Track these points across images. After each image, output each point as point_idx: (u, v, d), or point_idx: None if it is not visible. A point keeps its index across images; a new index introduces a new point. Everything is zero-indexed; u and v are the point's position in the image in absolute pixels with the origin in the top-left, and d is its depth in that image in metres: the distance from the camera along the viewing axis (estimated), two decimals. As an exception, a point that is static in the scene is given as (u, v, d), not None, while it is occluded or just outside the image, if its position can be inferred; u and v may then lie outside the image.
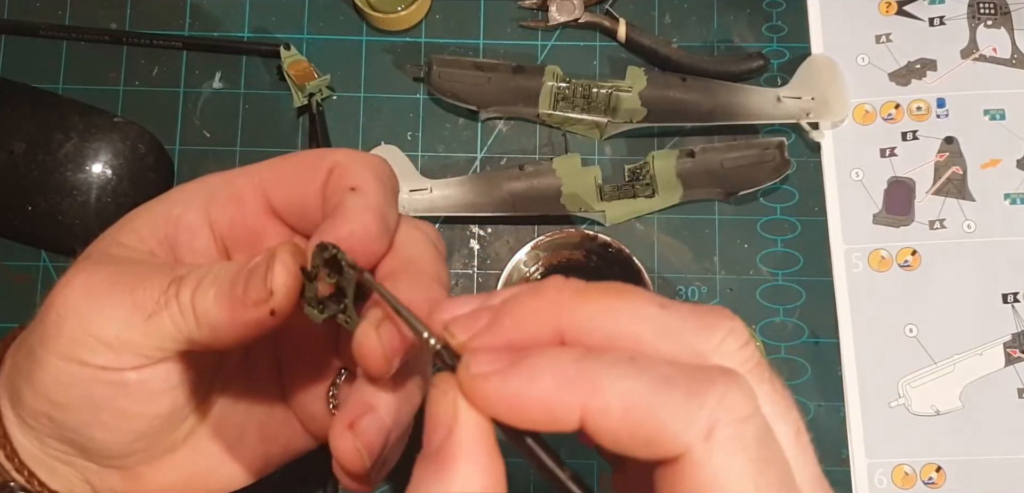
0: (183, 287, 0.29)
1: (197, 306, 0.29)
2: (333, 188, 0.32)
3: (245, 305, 0.29)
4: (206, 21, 0.58)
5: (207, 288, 0.29)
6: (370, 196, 0.31)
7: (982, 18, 0.58)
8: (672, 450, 0.22)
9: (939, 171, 0.56)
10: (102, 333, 0.30)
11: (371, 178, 0.31)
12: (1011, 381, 0.53)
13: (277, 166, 0.34)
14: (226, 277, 0.29)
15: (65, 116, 0.53)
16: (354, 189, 0.31)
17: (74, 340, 0.30)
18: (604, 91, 0.56)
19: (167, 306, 0.29)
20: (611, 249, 0.52)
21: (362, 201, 0.31)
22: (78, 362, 0.30)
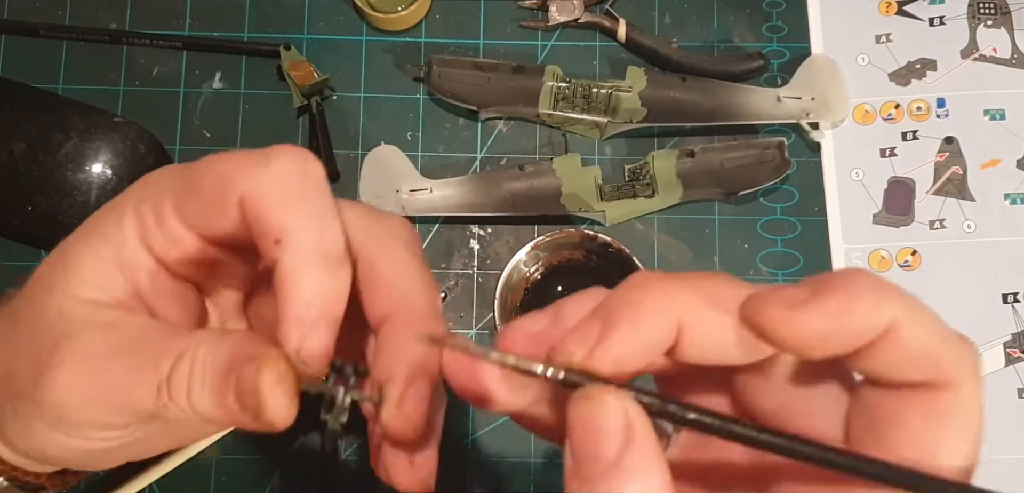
0: (176, 391, 0.27)
1: (197, 408, 0.27)
2: (256, 234, 0.27)
3: (244, 418, 0.27)
4: (206, 21, 0.58)
5: (202, 392, 0.27)
6: (300, 241, 0.26)
7: (982, 18, 0.58)
8: (946, 379, 0.22)
9: (939, 171, 0.56)
10: (104, 421, 0.29)
11: (293, 211, 0.26)
12: (1011, 381, 0.53)
13: (190, 202, 0.28)
14: (218, 383, 0.27)
15: (65, 116, 0.53)
16: (279, 243, 0.26)
17: (74, 424, 0.29)
18: (604, 91, 0.56)
19: (165, 408, 0.28)
20: (611, 249, 0.52)
21: (296, 257, 0.26)
22: (79, 438, 0.29)
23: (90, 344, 0.28)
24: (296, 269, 0.26)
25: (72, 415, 0.28)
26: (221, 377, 0.26)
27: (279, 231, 0.26)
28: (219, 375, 0.26)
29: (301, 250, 0.26)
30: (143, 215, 0.28)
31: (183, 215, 0.28)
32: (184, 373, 0.27)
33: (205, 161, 0.28)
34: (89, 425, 0.29)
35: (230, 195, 0.26)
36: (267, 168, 0.26)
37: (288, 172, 0.27)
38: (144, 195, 0.29)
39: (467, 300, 0.55)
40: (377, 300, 0.28)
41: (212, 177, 0.27)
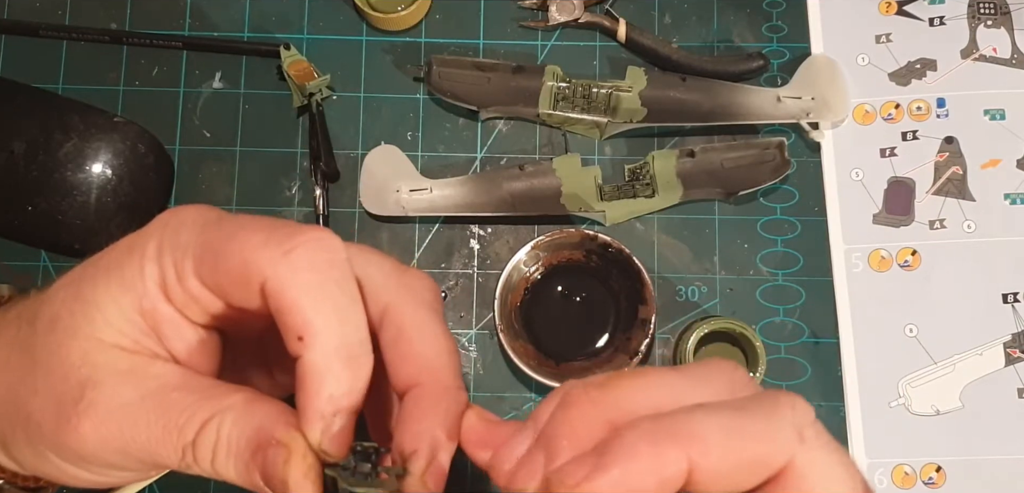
0: (201, 458, 0.28)
1: (219, 473, 0.28)
2: (279, 324, 0.27)
3: (261, 473, 0.27)
4: (206, 21, 0.58)
5: (227, 462, 0.27)
6: (322, 340, 0.26)
7: (982, 18, 0.58)
8: (778, 463, 0.23)
9: (939, 171, 0.56)
10: (128, 467, 0.29)
11: (314, 305, 0.26)
12: (1011, 381, 0.53)
13: (212, 272, 0.28)
14: (243, 457, 0.27)
15: (65, 116, 0.53)
16: (301, 340, 0.26)
17: (97, 466, 0.29)
18: (604, 91, 0.56)
19: (189, 469, 0.28)
20: (611, 249, 0.52)
21: (319, 355, 0.26)
22: (104, 475, 0.30)
23: (115, 395, 0.28)
24: (318, 366, 0.26)
25: (95, 460, 0.28)
26: (247, 453, 0.27)
27: (302, 328, 0.26)
28: (245, 451, 0.27)
29: (325, 348, 0.26)
30: (165, 267, 0.28)
31: (204, 279, 0.28)
32: (210, 441, 0.27)
33: (227, 229, 0.27)
34: (110, 468, 0.29)
35: (252, 279, 0.26)
36: (288, 259, 0.26)
37: (310, 263, 0.26)
38: (165, 246, 0.28)
39: (467, 300, 0.55)
40: (404, 368, 0.28)
41: (234, 254, 0.27)
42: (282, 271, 0.26)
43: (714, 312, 0.55)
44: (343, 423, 0.27)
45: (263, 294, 0.26)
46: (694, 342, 0.50)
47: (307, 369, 0.26)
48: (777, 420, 0.23)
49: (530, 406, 0.54)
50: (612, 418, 0.24)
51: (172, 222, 0.28)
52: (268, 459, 0.26)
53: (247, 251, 0.26)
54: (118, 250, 0.29)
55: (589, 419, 0.24)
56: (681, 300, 0.55)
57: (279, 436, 0.26)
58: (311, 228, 0.27)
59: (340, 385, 0.26)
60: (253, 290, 0.26)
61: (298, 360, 0.26)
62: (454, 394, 0.28)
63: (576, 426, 0.24)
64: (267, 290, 0.26)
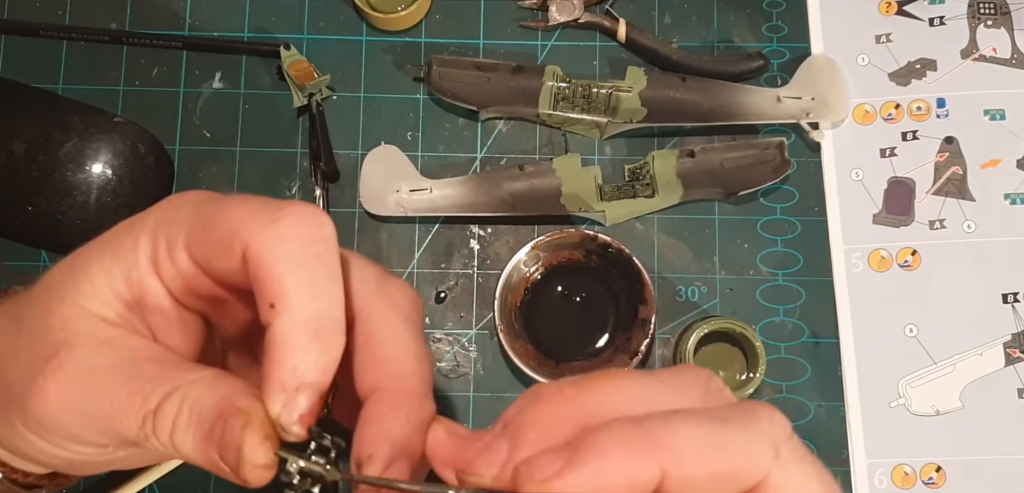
0: (160, 427, 0.27)
1: (178, 447, 0.27)
2: (255, 293, 0.27)
3: (222, 469, 0.27)
4: (206, 21, 0.58)
5: (186, 434, 0.27)
6: (294, 309, 0.26)
7: (982, 18, 0.58)
8: (752, 478, 0.22)
9: (939, 171, 0.56)
10: (86, 439, 0.29)
11: (290, 274, 0.26)
12: (1011, 381, 0.53)
13: (201, 240, 0.28)
14: (202, 429, 0.27)
15: (65, 116, 0.53)
16: (272, 307, 0.26)
17: (58, 436, 0.29)
18: (604, 91, 0.56)
19: (147, 440, 0.28)
20: (611, 249, 0.52)
21: (289, 326, 0.26)
22: (63, 449, 0.30)
23: (87, 358, 0.28)
24: (286, 336, 0.26)
25: (56, 427, 0.28)
26: (206, 423, 0.26)
27: (275, 295, 0.26)
28: (205, 420, 0.26)
29: (294, 318, 0.26)
30: (158, 241, 0.28)
31: (192, 251, 0.28)
32: (171, 411, 0.27)
33: (222, 202, 0.27)
34: (69, 439, 0.29)
35: (235, 245, 0.26)
36: (273, 227, 0.26)
37: (294, 233, 0.26)
38: (162, 221, 0.28)
39: (467, 300, 0.55)
40: (369, 371, 0.28)
41: (223, 222, 0.27)
42: (265, 238, 0.26)
43: (714, 312, 0.55)
44: (306, 402, 0.26)
45: (244, 262, 0.26)
46: (694, 342, 0.50)
47: (274, 337, 0.26)
48: (754, 433, 0.22)
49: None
50: (583, 419, 0.23)
51: (174, 201, 0.29)
52: (227, 427, 0.26)
53: (235, 219, 0.26)
54: (119, 227, 0.29)
55: (560, 416, 0.23)
56: (681, 300, 0.55)
57: (240, 404, 0.26)
58: (302, 203, 0.27)
59: (305, 358, 0.26)
60: (235, 257, 0.26)
61: (267, 329, 0.26)
62: (417, 401, 0.27)
63: (546, 421, 0.23)
64: (248, 256, 0.26)
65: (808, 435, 0.53)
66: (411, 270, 0.55)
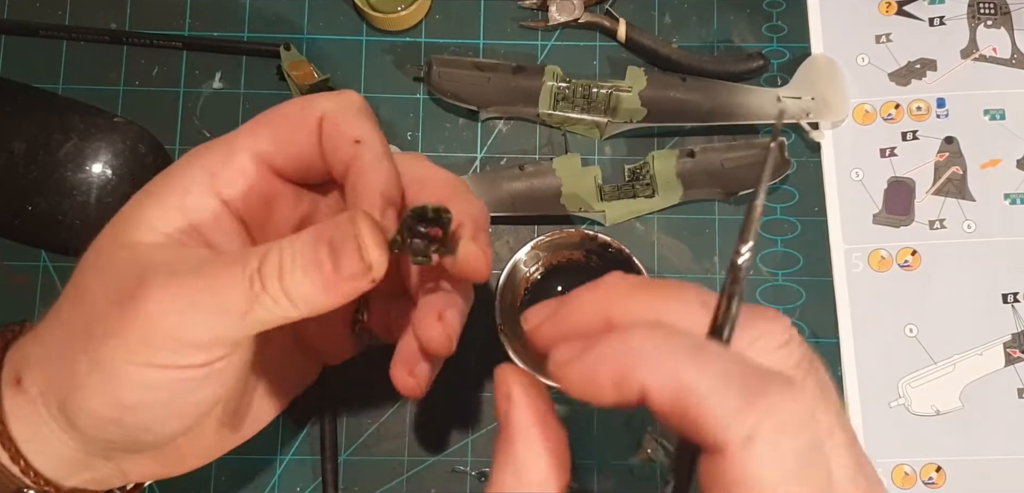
0: (268, 277, 0.30)
1: (291, 291, 0.30)
2: (332, 142, 0.34)
3: (342, 279, 0.30)
4: (206, 21, 0.58)
5: (294, 270, 0.30)
6: (376, 144, 0.34)
7: (982, 18, 0.58)
8: (712, 442, 0.23)
9: (939, 171, 0.56)
10: (195, 338, 0.30)
11: (366, 123, 0.34)
12: (1011, 381, 0.53)
13: (268, 129, 0.35)
14: (309, 255, 0.30)
15: (65, 116, 0.53)
16: (358, 141, 0.34)
17: (162, 348, 0.30)
18: (604, 91, 0.56)
19: (258, 299, 0.30)
20: (611, 249, 0.52)
21: (373, 153, 0.34)
22: (164, 366, 0.30)
23: (173, 265, 0.30)
24: (374, 162, 0.33)
25: (164, 330, 0.29)
26: (310, 249, 0.30)
27: (359, 133, 0.34)
28: (309, 248, 0.30)
29: (375, 149, 0.34)
30: (211, 161, 0.34)
31: (257, 142, 0.34)
32: (274, 260, 0.30)
33: (273, 108, 0.35)
34: (178, 345, 0.30)
35: (310, 116, 0.34)
36: (341, 97, 0.35)
37: (355, 100, 0.35)
38: (214, 148, 0.35)
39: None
40: (425, 187, 0.36)
41: (290, 106, 0.35)
42: (338, 103, 0.35)
43: (714, 312, 0.55)
44: (394, 207, 0.33)
45: (321, 125, 0.34)
46: (694, 342, 0.50)
47: (365, 165, 0.33)
48: (740, 410, 0.22)
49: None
50: (614, 318, 0.27)
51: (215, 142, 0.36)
52: (337, 231, 0.30)
53: (302, 101, 0.35)
54: (165, 171, 0.35)
55: (594, 309, 0.28)
56: (682, 300, 0.55)
57: (336, 221, 0.31)
58: (346, 90, 0.36)
59: (388, 179, 0.33)
60: (311, 125, 0.34)
61: (353, 162, 0.33)
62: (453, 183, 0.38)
63: (580, 308, 0.29)
64: (326, 118, 0.34)
65: (808, 435, 0.53)
66: (411, 270, 0.55)
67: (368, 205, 0.32)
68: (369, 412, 0.54)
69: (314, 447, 0.53)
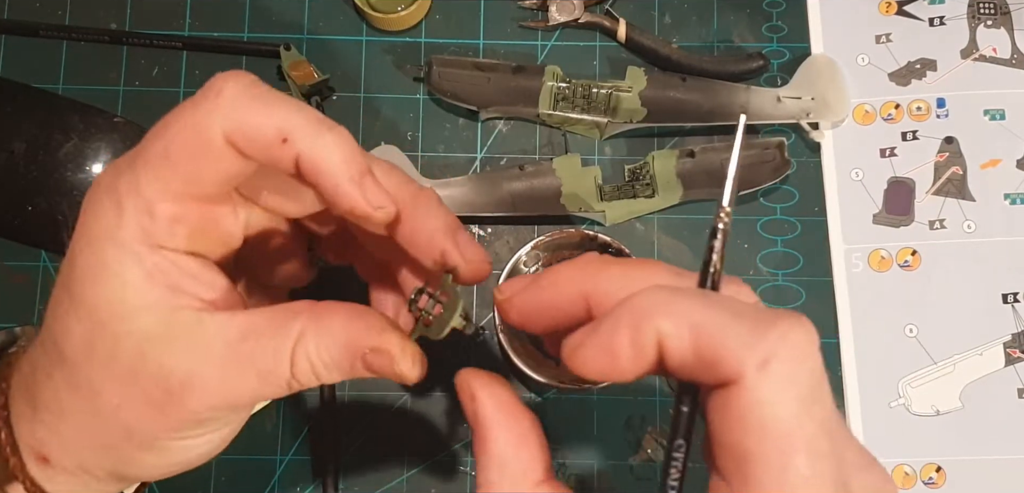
0: (303, 379, 0.31)
1: (320, 375, 0.31)
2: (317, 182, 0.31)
3: (369, 371, 0.31)
4: (206, 21, 0.58)
5: (329, 372, 0.31)
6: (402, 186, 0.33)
7: (982, 18, 0.58)
8: (729, 373, 0.23)
9: (939, 171, 0.56)
10: (236, 402, 0.31)
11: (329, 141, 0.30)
12: (1011, 381, 0.53)
13: (169, 171, 0.30)
14: (341, 359, 0.31)
15: (65, 116, 0.53)
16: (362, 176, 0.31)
17: (211, 425, 0.32)
18: (604, 91, 0.56)
19: (296, 378, 0.31)
20: (611, 249, 0.52)
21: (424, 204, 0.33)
22: (213, 433, 0.32)
23: (193, 351, 0.30)
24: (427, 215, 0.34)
25: (211, 417, 0.31)
26: (346, 362, 0.31)
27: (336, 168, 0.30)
28: (343, 360, 0.31)
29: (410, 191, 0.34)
30: (135, 222, 0.30)
31: (168, 187, 0.30)
32: (305, 368, 0.31)
33: (166, 126, 0.30)
34: (226, 418, 0.32)
35: (209, 141, 0.29)
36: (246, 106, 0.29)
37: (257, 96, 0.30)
38: (125, 209, 0.30)
39: (467, 300, 0.55)
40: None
41: (181, 129, 0.29)
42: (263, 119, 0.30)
43: (714, 312, 0.55)
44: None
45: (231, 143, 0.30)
46: (694, 342, 0.50)
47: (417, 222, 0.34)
48: (755, 338, 0.23)
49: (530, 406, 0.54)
50: (589, 292, 0.28)
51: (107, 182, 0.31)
52: (374, 364, 0.31)
53: (203, 115, 0.30)
54: (87, 252, 0.30)
55: (570, 282, 0.29)
56: (681, 300, 0.55)
57: (373, 345, 0.31)
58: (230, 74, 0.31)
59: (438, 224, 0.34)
60: (218, 150, 0.30)
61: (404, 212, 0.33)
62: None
63: (556, 281, 0.29)
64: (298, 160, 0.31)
65: (808, 435, 0.53)
66: (411, 270, 0.56)
67: (430, 259, 0.33)
68: (369, 412, 0.54)
69: (314, 447, 0.53)
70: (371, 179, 0.30)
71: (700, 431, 0.26)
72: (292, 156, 0.29)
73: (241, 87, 0.29)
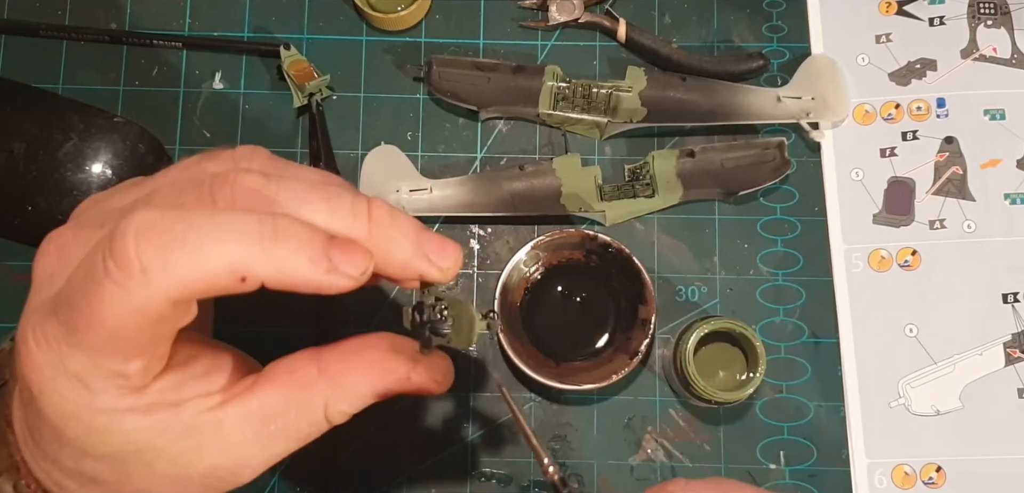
0: (335, 418, 0.32)
1: (353, 413, 0.33)
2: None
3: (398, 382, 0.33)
4: (206, 21, 0.58)
5: (357, 405, 0.33)
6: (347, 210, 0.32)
7: (982, 18, 0.58)
8: None
9: (939, 171, 0.56)
10: (282, 457, 0.32)
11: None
12: (1011, 381, 0.53)
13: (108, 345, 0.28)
14: (368, 397, 0.33)
15: (65, 116, 0.53)
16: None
17: (256, 475, 0.33)
18: (604, 91, 0.56)
19: (332, 424, 0.32)
20: (611, 249, 0.52)
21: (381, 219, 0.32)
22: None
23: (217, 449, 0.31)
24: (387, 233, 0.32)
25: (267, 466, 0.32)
26: (372, 397, 0.33)
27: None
28: (369, 397, 0.33)
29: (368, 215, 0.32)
30: (114, 384, 0.29)
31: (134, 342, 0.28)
32: (338, 413, 0.32)
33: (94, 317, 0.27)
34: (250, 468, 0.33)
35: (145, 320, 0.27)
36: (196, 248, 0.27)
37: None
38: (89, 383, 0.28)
39: (467, 300, 0.55)
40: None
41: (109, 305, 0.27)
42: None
43: (714, 312, 0.55)
44: None
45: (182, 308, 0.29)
46: (694, 342, 0.50)
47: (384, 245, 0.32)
48: None
49: (530, 406, 0.54)
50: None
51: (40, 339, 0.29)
52: (395, 389, 0.32)
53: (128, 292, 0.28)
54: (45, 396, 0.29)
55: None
56: (681, 300, 0.55)
57: (399, 381, 0.33)
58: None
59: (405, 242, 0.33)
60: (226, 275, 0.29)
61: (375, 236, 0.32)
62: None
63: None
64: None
65: (808, 435, 0.54)
66: (411, 270, 0.55)
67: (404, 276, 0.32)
68: (369, 413, 0.54)
69: (314, 447, 0.53)
70: (338, 252, 0.28)
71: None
72: (255, 284, 0.27)
73: (159, 242, 0.26)
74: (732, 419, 0.54)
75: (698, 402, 0.52)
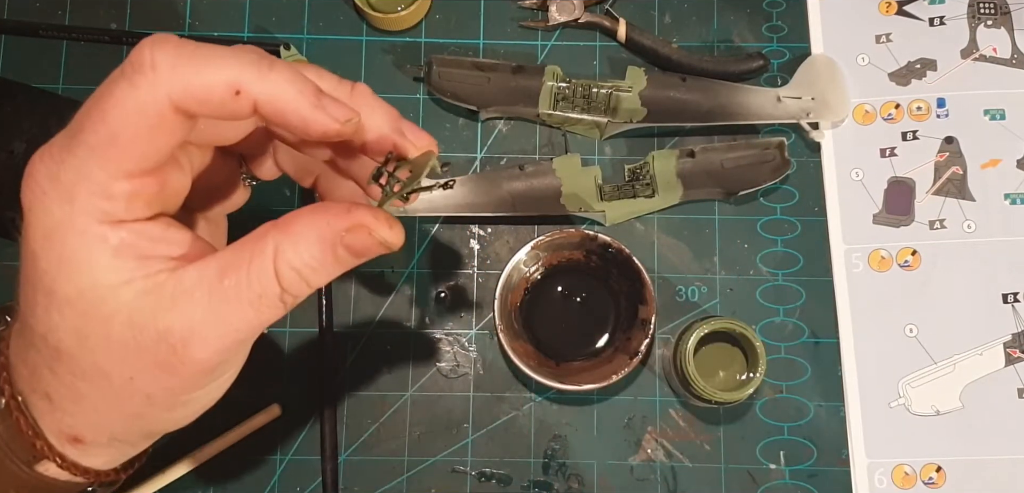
0: (295, 292, 0.31)
1: (309, 279, 0.31)
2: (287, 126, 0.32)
3: (353, 258, 0.32)
4: (206, 21, 0.58)
5: (315, 275, 0.31)
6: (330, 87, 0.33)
7: (982, 18, 0.58)
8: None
9: (939, 171, 0.56)
10: (238, 337, 0.31)
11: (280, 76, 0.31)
12: (1011, 381, 0.53)
13: (117, 152, 0.31)
14: (324, 256, 0.31)
15: (65, 116, 0.52)
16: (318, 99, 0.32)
17: (224, 371, 0.33)
18: (604, 91, 0.56)
19: (287, 291, 0.31)
20: (611, 249, 0.52)
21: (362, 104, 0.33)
22: (221, 380, 0.33)
23: (182, 308, 0.31)
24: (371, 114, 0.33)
25: (219, 368, 0.32)
26: (329, 257, 0.31)
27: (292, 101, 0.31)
28: (326, 256, 0.31)
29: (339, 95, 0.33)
30: (96, 204, 0.31)
31: (116, 171, 0.30)
32: (292, 279, 0.31)
33: (103, 102, 0.31)
34: (234, 359, 0.33)
35: (158, 119, 0.30)
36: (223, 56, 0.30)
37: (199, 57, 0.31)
38: (73, 193, 0.31)
39: (467, 300, 0.55)
40: None
41: (125, 106, 0.31)
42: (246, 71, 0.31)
43: (714, 312, 0.55)
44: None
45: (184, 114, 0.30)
46: (694, 342, 0.50)
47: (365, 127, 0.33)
48: None
49: (530, 406, 0.54)
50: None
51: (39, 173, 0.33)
52: (355, 244, 0.31)
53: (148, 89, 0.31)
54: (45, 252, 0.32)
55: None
56: (681, 300, 0.55)
57: (345, 226, 0.31)
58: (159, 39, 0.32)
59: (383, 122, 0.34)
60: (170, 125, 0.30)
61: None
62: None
63: None
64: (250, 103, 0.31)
65: (808, 435, 0.54)
66: (411, 270, 0.55)
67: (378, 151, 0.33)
68: (369, 412, 0.54)
69: (314, 447, 0.53)
70: (326, 97, 0.30)
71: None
72: (248, 105, 0.29)
73: (174, 50, 0.29)
74: (732, 419, 0.54)
75: (698, 402, 0.52)
